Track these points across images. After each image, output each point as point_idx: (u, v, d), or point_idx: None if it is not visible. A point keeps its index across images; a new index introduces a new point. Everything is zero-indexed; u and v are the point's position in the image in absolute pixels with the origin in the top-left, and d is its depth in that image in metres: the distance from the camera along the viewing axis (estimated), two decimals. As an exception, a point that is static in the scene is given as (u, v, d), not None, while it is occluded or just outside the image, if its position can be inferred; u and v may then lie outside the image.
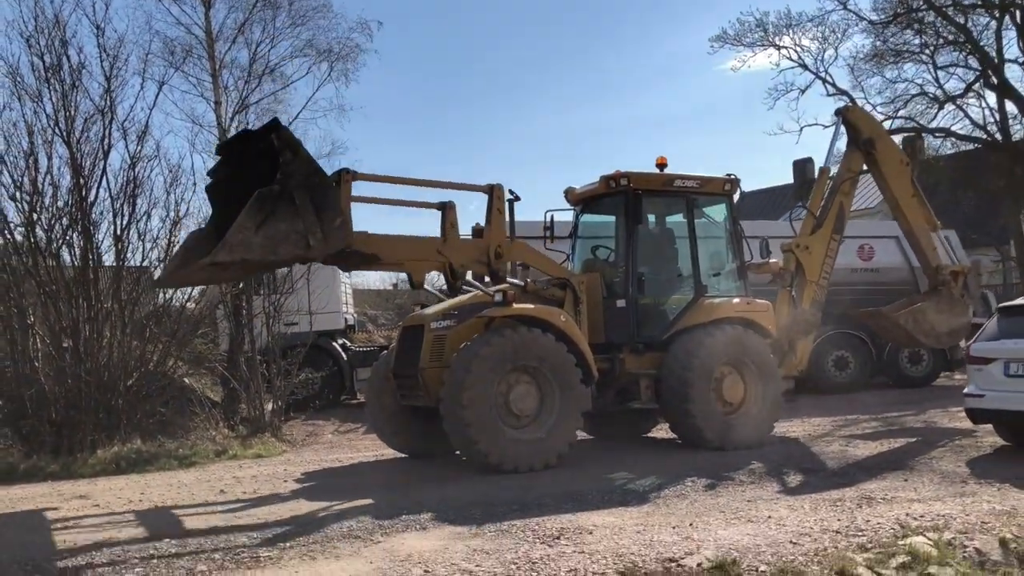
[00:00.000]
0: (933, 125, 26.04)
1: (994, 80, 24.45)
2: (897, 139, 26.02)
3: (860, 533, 6.07)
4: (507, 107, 77.92)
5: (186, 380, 14.33)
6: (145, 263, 13.15)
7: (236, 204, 8.14)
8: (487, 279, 9.85)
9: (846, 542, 5.85)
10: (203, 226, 9.64)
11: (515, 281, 9.83)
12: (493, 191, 9.61)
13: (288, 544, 6.20)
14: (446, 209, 9.53)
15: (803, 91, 26.45)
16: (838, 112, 12.45)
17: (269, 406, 13.12)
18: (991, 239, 26.37)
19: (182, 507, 7.90)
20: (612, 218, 10.90)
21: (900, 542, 5.75)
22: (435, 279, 11.26)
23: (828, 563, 5.36)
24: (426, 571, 5.38)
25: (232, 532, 6.65)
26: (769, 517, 6.62)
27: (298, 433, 13.23)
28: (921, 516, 6.50)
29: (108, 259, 12.66)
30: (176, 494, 8.58)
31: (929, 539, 5.78)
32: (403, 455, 10.40)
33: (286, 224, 7.87)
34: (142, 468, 10.39)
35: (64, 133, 12.11)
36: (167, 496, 8.48)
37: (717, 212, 10.91)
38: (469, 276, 10.02)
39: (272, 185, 7.79)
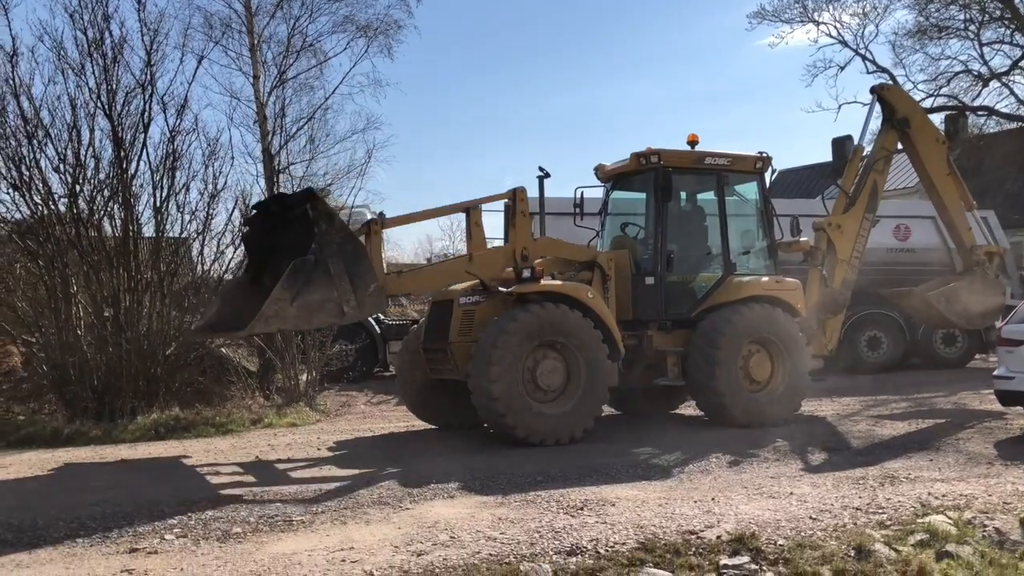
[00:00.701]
0: (976, 103, 25.58)
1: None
2: (939, 118, 25.74)
3: (880, 511, 6.14)
4: (541, 82, 77.53)
5: (223, 350, 14.62)
6: (184, 235, 13.45)
7: (270, 255, 8.60)
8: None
9: (866, 519, 5.93)
10: (239, 275, 9.95)
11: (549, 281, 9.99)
12: (516, 195, 9.75)
13: (320, 509, 6.42)
14: (470, 211, 9.81)
15: (842, 68, 26.18)
16: (874, 90, 12.31)
17: (304, 377, 13.36)
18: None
19: (219, 472, 8.16)
20: (642, 195, 10.93)
21: (919, 520, 5.83)
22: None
23: (846, 539, 5.45)
24: (452, 537, 5.56)
25: (266, 496, 6.89)
26: (791, 493, 6.70)
27: (332, 403, 13.48)
28: (943, 496, 6.55)
29: (148, 231, 12.96)
30: (213, 459, 8.85)
31: (949, 518, 5.85)
32: (432, 427, 10.60)
33: (321, 294, 8.13)
34: (180, 435, 10.68)
35: (106, 106, 12.32)
36: (205, 461, 8.75)
37: (748, 190, 10.90)
38: None
39: (307, 256, 8.04)
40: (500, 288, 9.62)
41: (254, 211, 9.28)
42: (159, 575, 4.90)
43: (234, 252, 13.71)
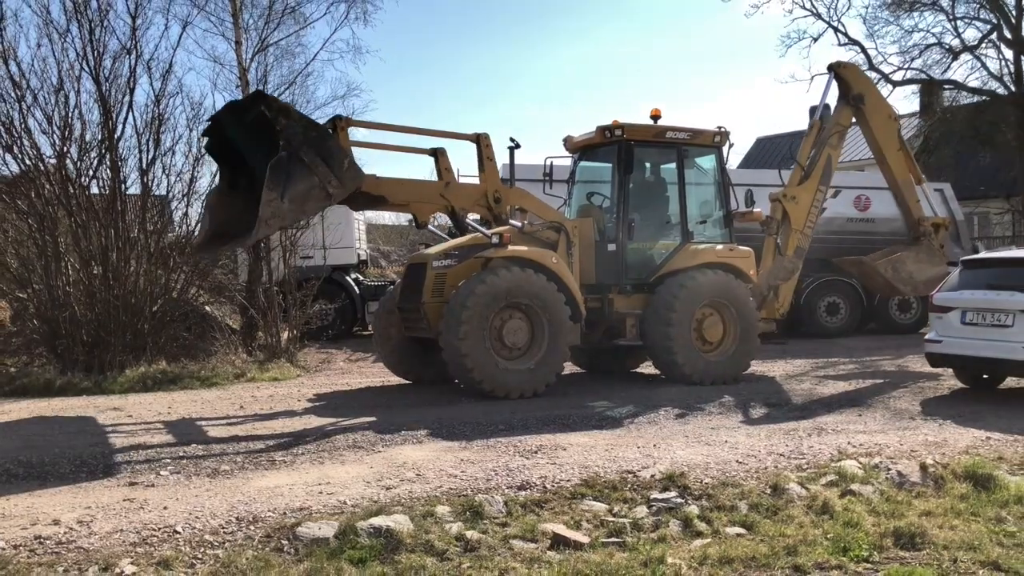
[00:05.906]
0: (946, 76, 26.17)
1: (1008, 35, 24.43)
2: (913, 89, 26.23)
3: (801, 457, 6.87)
4: (518, 46, 77.34)
5: (207, 308, 15.18)
6: (169, 196, 13.93)
7: (236, 157, 9.15)
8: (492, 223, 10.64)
9: (786, 463, 6.66)
10: (217, 184, 10.39)
11: (515, 223, 10.56)
12: (480, 140, 10.36)
13: (300, 451, 7.09)
14: (438, 155, 10.30)
15: (815, 40, 26.68)
16: (831, 67, 12.91)
17: (285, 334, 13.96)
18: (1000, 191, 26.63)
19: (206, 419, 8.80)
20: (607, 165, 11.54)
21: (833, 464, 6.55)
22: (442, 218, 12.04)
23: (765, 479, 6.18)
24: (418, 475, 6.24)
25: (251, 440, 7.55)
26: (725, 441, 7.43)
27: (312, 360, 14.09)
28: (860, 445, 7.29)
29: (134, 191, 13.41)
30: (200, 409, 9.48)
31: (859, 463, 6.59)
32: (406, 382, 11.26)
33: (304, 183, 8.66)
34: (167, 387, 11.26)
35: (92, 70, 12.73)
36: (192, 410, 9.38)
37: (707, 162, 11.53)
38: (473, 218, 10.87)
39: (280, 154, 8.51)
40: (472, 223, 10.18)
41: (209, 123, 9.65)
42: (157, 503, 5.54)
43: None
